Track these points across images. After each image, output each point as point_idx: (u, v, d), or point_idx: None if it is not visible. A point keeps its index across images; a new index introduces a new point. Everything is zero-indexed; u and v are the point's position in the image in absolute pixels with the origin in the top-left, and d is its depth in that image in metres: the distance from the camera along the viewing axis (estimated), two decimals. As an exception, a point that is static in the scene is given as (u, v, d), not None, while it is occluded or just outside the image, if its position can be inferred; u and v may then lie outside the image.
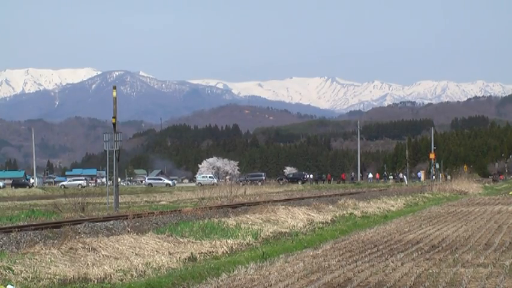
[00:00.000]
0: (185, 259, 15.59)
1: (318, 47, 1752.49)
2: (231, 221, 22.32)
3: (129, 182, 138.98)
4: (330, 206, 31.01)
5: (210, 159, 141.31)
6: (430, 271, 13.33)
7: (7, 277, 12.50)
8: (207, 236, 19.16)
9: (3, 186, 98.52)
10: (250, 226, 21.93)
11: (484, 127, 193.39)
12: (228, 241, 18.35)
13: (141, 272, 13.86)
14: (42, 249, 14.83)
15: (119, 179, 50.34)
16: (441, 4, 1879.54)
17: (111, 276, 13.26)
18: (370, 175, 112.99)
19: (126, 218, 22.77)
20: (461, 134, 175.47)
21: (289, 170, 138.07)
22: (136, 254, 15.77)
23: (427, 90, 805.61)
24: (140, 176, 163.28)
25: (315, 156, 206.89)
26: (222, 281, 12.72)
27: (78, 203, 29.27)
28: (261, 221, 23.36)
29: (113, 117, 30.69)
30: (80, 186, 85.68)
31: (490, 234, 20.32)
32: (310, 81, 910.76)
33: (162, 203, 42.98)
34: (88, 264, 14.24)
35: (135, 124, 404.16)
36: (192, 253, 16.21)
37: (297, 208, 27.65)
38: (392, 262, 14.56)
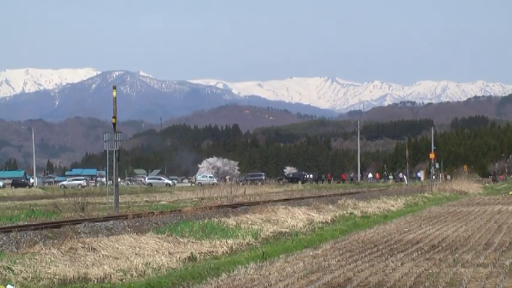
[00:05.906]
0: (185, 259, 15.59)
1: (318, 47, 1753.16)
2: (231, 221, 22.32)
3: (129, 182, 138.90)
4: (330, 206, 31.01)
5: (210, 159, 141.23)
6: (430, 271, 13.33)
7: (7, 277, 12.50)
8: (207, 236, 19.16)
9: (3, 186, 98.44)
10: (250, 226, 21.93)
11: (484, 127, 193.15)
12: (228, 241, 18.36)
13: (141, 271, 13.86)
14: (42, 249, 14.82)
15: (119, 179, 50.34)
16: (441, 4, 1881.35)
17: (111, 276, 13.26)
18: (370, 175, 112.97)
19: (126, 218, 22.78)
20: (461, 134, 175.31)
21: (289, 170, 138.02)
22: (136, 254, 15.76)
23: (427, 90, 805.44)
24: (140, 176, 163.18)
25: (315, 156, 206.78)
26: (222, 281, 12.72)
27: (78, 203, 29.25)
28: (261, 221, 23.35)
29: (113, 117, 30.68)
30: (79, 186, 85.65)
31: (490, 234, 20.33)
32: (310, 81, 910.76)
33: (162, 202, 42.96)
34: (88, 264, 14.23)
35: (135, 124, 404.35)
36: (192, 253, 16.21)
37: (297, 208, 27.64)
38: (392, 262, 14.56)
